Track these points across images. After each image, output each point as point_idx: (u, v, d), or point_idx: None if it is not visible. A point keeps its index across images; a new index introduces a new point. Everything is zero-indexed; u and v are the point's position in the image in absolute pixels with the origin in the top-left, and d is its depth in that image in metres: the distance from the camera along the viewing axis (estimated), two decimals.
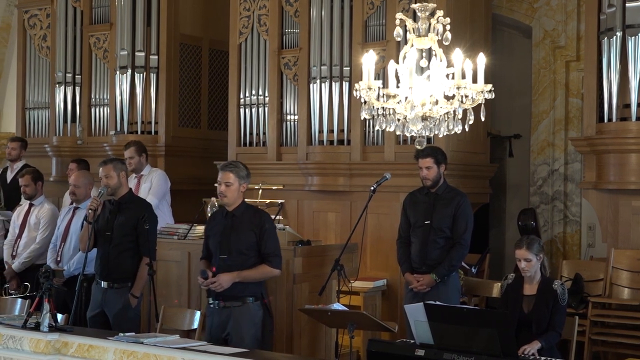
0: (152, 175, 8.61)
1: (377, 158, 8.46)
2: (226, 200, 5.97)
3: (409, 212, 6.98)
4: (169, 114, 10.01)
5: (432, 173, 6.82)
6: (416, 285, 6.75)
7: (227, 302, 5.93)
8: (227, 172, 5.97)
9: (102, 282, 6.59)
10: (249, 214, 6.01)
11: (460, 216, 6.79)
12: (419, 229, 6.86)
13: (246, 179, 6.02)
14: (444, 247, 6.79)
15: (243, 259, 5.92)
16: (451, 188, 6.96)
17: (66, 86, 10.70)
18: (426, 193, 6.91)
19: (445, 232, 6.78)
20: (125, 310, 6.49)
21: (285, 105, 9.12)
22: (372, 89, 5.22)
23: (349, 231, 7.21)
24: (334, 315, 5.90)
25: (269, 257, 5.97)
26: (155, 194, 8.41)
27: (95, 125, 10.54)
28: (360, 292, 7.79)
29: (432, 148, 6.94)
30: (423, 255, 6.81)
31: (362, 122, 8.45)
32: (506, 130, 10.01)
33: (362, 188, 8.26)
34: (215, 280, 5.87)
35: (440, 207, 6.82)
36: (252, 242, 5.94)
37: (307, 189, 8.85)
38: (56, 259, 7.54)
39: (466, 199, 6.89)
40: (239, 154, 9.33)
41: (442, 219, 6.79)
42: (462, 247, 6.78)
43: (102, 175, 6.66)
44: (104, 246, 6.62)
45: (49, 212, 8.17)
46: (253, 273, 5.95)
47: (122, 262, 6.54)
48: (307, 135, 8.89)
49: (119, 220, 6.59)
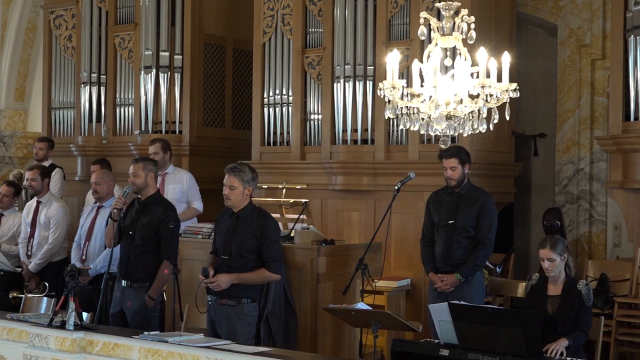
0: (181, 177, 8.61)
1: (401, 157, 8.45)
2: (230, 202, 6.03)
3: (433, 211, 6.97)
4: (193, 113, 10.04)
5: (456, 173, 6.81)
6: (440, 285, 6.73)
7: (223, 299, 6.00)
8: (232, 176, 5.99)
9: (122, 281, 6.63)
10: (252, 217, 6.03)
11: (485, 216, 6.76)
12: (443, 228, 6.85)
13: (251, 182, 6.02)
14: (468, 247, 6.77)
15: (243, 262, 5.97)
16: (475, 187, 6.94)
17: (91, 86, 10.76)
18: (450, 192, 6.89)
19: (469, 231, 6.76)
20: (142, 311, 6.52)
21: (309, 104, 9.13)
22: (396, 88, 5.21)
23: (373, 230, 7.21)
24: (358, 314, 5.90)
25: (269, 262, 6.01)
26: (199, 199, 8.59)
27: (120, 124, 10.58)
28: (384, 291, 7.78)
29: (456, 148, 6.91)
30: (447, 255, 6.80)
31: (386, 121, 8.44)
32: (531, 129, 9.96)
33: (386, 187, 8.25)
34: (215, 280, 5.91)
35: (464, 206, 6.80)
36: (252, 246, 5.97)
37: (330, 188, 8.84)
38: (81, 258, 7.58)
39: (490, 199, 6.86)
40: (262, 154, 9.34)
41: (466, 218, 6.77)
42: (487, 246, 6.76)
43: (131, 173, 6.69)
44: (125, 245, 6.66)
45: (59, 211, 8.22)
46: (251, 276, 6.00)
47: (142, 262, 6.57)
48: (330, 135, 8.89)
49: (142, 221, 6.62)
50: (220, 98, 10.42)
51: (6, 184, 9.07)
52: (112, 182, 7.73)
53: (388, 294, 7.86)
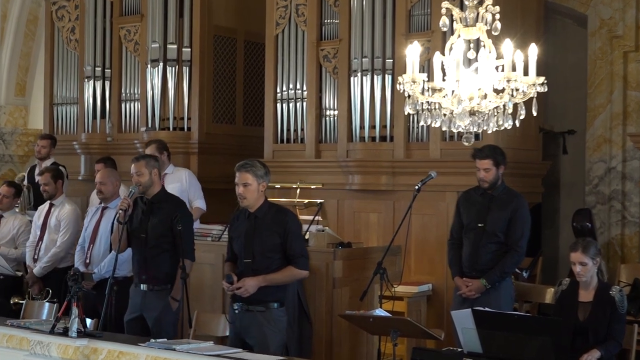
0: (180, 175, 8.66)
1: (422, 155, 8.44)
2: (246, 202, 5.96)
3: (463, 211, 6.94)
4: (202, 109, 10.06)
5: (490, 175, 6.78)
6: (465, 290, 6.72)
7: (250, 305, 5.95)
8: (244, 172, 5.95)
9: (141, 285, 6.63)
10: (271, 214, 6.00)
11: (517, 221, 6.73)
12: (472, 231, 6.83)
13: (265, 177, 5.99)
14: (496, 252, 6.74)
15: (268, 262, 5.94)
16: (509, 190, 6.89)
17: (95, 81, 10.79)
18: (482, 193, 6.86)
19: (499, 236, 6.73)
20: (166, 314, 6.52)
21: (325, 99, 9.13)
22: (416, 83, 5.21)
23: (392, 233, 7.20)
24: (376, 321, 5.90)
25: (295, 259, 5.97)
26: (201, 197, 8.63)
27: (126, 121, 10.61)
28: (404, 297, 7.78)
29: (491, 148, 6.87)
30: (473, 259, 6.78)
31: (405, 117, 8.43)
32: (560, 125, 9.93)
33: (405, 187, 8.25)
34: (241, 286, 5.89)
35: (496, 209, 6.77)
36: (276, 244, 5.93)
37: (347, 188, 8.84)
38: (85, 262, 7.60)
39: (524, 203, 6.83)
40: (275, 152, 9.35)
41: (496, 222, 6.74)
42: (517, 254, 6.74)
43: (134, 172, 6.70)
44: (140, 249, 6.66)
45: (70, 214, 8.23)
46: (279, 276, 5.95)
47: (161, 264, 6.58)
48: (347, 132, 8.89)
49: (152, 222, 6.63)
50: (231, 93, 10.44)
51: (6, 185, 9.11)
52: (118, 182, 7.74)
53: (408, 300, 7.86)
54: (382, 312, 6.04)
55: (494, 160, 6.77)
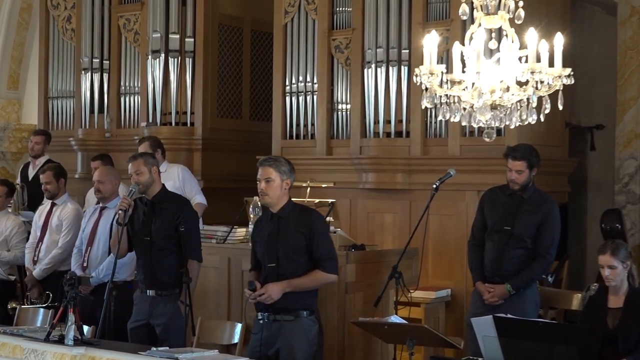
0: (174, 172, 8.64)
1: (440, 152, 8.43)
2: (268, 199, 5.95)
3: (487, 212, 6.90)
4: (206, 103, 10.07)
5: (522, 177, 6.75)
6: (487, 296, 6.70)
7: (277, 315, 5.91)
8: (267, 167, 5.95)
9: (147, 291, 6.64)
10: (296, 214, 5.99)
11: (548, 226, 6.71)
12: (497, 234, 6.79)
13: (289, 174, 5.98)
14: (522, 258, 6.71)
15: (294, 266, 5.90)
16: (540, 192, 6.86)
17: (93, 73, 10.81)
18: (510, 194, 6.83)
19: (527, 242, 6.71)
20: (175, 320, 6.53)
21: (336, 92, 9.13)
22: (434, 75, 5.20)
23: (408, 234, 7.20)
24: (392, 329, 5.89)
25: (323, 262, 5.93)
26: (199, 192, 8.64)
27: (125, 116, 10.63)
28: (421, 303, 7.78)
29: (526, 148, 6.82)
30: (497, 265, 6.75)
31: (422, 111, 8.43)
32: (587, 120, 9.92)
33: (423, 186, 8.24)
34: (264, 292, 5.86)
35: (525, 213, 6.74)
36: (301, 246, 5.91)
37: (360, 187, 8.85)
38: (82, 265, 7.61)
39: (556, 207, 6.81)
40: (284, 148, 9.35)
41: (525, 227, 6.71)
42: (547, 261, 6.73)
43: (132, 172, 6.69)
44: (145, 253, 6.67)
45: (73, 213, 8.24)
46: (305, 281, 5.91)
47: (168, 267, 6.58)
48: (360, 127, 8.89)
49: (156, 224, 6.63)
50: (237, 86, 10.45)
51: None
52: (117, 181, 7.75)
53: (425, 306, 7.86)
54: (397, 319, 6.04)
55: (528, 162, 6.74)
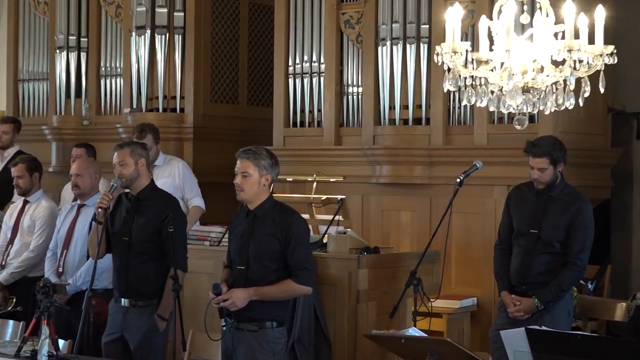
0: (172, 168, 8.61)
1: (465, 142, 8.43)
2: (243, 195, 5.95)
3: (513, 212, 6.87)
4: (198, 86, 10.07)
5: (546, 175, 6.71)
6: (513, 310, 6.67)
7: (241, 323, 5.93)
8: (245, 160, 5.93)
9: (122, 300, 6.65)
10: (274, 214, 5.98)
11: (579, 228, 6.67)
12: (522, 238, 6.78)
13: (270, 169, 5.96)
14: (551, 264, 6.67)
15: (263, 272, 5.91)
16: (570, 189, 6.81)
17: (69, 52, 10.83)
18: (537, 192, 6.81)
19: (555, 246, 6.68)
20: (151, 336, 6.54)
21: (346, 74, 9.13)
22: (457, 53, 5.20)
23: (429, 235, 7.20)
24: (410, 343, 5.90)
25: (296, 271, 5.92)
26: (198, 194, 8.56)
27: (106, 101, 10.64)
28: (443, 313, 7.78)
29: (547, 141, 6.77)
30: (524, 271, 6.73)
31: (445, 95, 8.43)
32: (633, 105, 9.90)
33: (445, 180, 8.24)
34: (228, 297, 5.90)
35: (554, 214, 6.71)
36: (274, 252, 5.91)
37: (374, 181, 8.85)
38: (57, 270, 7.62)
39: (588, 206, 6.76)
40: (287, 137, 9.36)
41: (553, 229, 6.69)
42: (578, 268, 6.68)
43: (116, 162, 6.69)
44: (121, 255, 6.67)
45: (46, 212, 8.24)
46: (274, 290, 5.92)
47: (146, 274, 6.58)
48: (374, 113, 8.89)
49: (138, 222, 6.63)
50: (233, 67, 10.45)
51: None
52: (98, 174, 7.76)
53: (448, 317, 7.86)
54: (416, 332, 6.04)
55: (550, 159, 6.68)
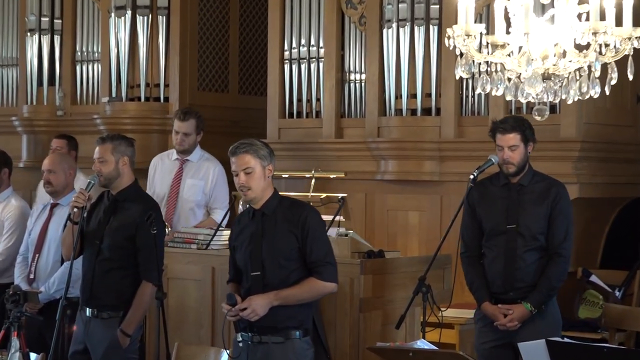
0: (208, 171, 8.44)
1: (479, 134, 8.43)
2: (252, 194, 5.92)
3: (481, 211, 6.81)
4: (184, 73, 10.07)
5: (517, 155, 6.66)
6: (504, 321, 6.63)
7: (264, 336, 5.90)
8: (243, 155, 5.90)
9: (86, 309, 6.66)
10: (284, 209, 5.98)
11: (559, 216, 6.62)
12: (500, 237, 6.72)
13: (270, 158, 5.95)
14: (541, 261, 6.65)
15: (283, 274, 5.90)
16: (541, 176, 6.77)
17: (41, 35, 10.82)
18: (504, 184, 6.78)
19: (539, 240, 6.63)
20: (113, 352, 6.52)
21: (348, 59, 9.13)
22: (471, 36, 5.21)
23: (439, 238, 7.21)
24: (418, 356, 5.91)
25: (318, 267, 5.91)
26: (225, 206, 8.28)
27: (82, 89, 10.64)
28: (455, 324, 7.79)
29: (516, 119, 6.80)
30: (509, 275, 6.66)
31: (457, 83, 8.43)
32: None
33: (457, 176, 8.25)
34: (247, 306, 5.87)
35: (530, 203, 6.67)
36: (292, 249, 5.89)
37: (379, 177, 8.85)
38: (28, 277, 7.63)
39: (566, 191, 6.74)
40: (282, 129, 9.36)
41: (534, 220, 6.64)
42: (564, 259, 6.64)
43: (96, 157, 6.69)
44: (89, 258, 6.67)
45: (16, 212, 8.25)
46: (297, 291, 5.90)
47: (112, 283, 6.57)
48: (378, 103, 8.90)
49: (112, 225, 6.62)
50: (223, 51, 10.45)
51: None
52: (72, 170, 7.76)
53: (460, 328, 7.87)
54: (425, 344, 6.05)
55: (522, 135, 6.65)
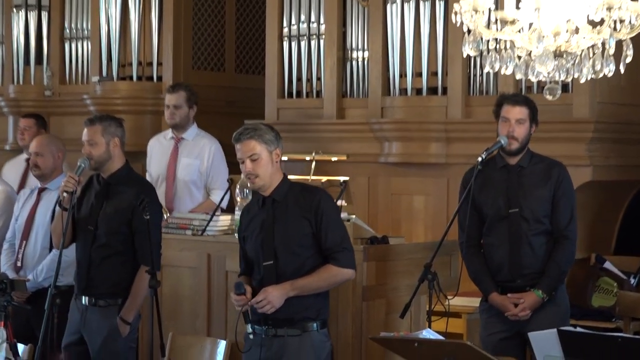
0: (204, 149, 8.49)
1: (487, 114, 8.39)
2: (259, 181, 5.88)
3: (480, 197, 6.79)
4: (178, 51, 10.07)
5: (522, 131, 6.62)
6: (515, 311, 6.63)
7: (279, 329, 5.88)
8: (248, 141, 5.87)
9: (82, 298, 6.68)
10: (295, 194, 5.96)
11: (563, 197, 6.61)
12: (502, 222, 6.70)
13: (276, 142, 5.92)
14: (548, 246, 6.66)
15: (297, 263, 5.89)
16: (540, 157, 6.76)
17: (28, 11, 10.81)
18: (503, 166, 6.78)
19: (544, 223, 6.64)
20: (112, 341, 6.56)
21: (350, 36, 9.13)
22: (479, 12, 5.20)
23: (446, 223, 7.21)
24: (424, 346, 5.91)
25: (335, 253, 5.90)
26: (224, 186, 8.27)
27: (71, 68, 10.64)
28: (463, 313, 7.80)
29: (525, 96, 6.83)
30: (515, 262, 6.65)
31: (464, 61, 8.43)
32: None
33: (464, 159, 8.24)
34: (263, 298, 5.82)
35: (532, 185, 6.66)
36: (306, 236, 5.88)
37: (382, 160, 8.86)
38: (15, 264, 7.64)
39: (567, 172, 6.76)
40: (281, 109, 9.36)
41: (537, 203, 6.63)
42: (571, 242, 6.62)
43: (85, 140, 6.68)
44: (83, 246, 6.69)
45: (2, 196, 8.24)
46: (314, 280, 5.88)
47: (109, 270, 6.60)
48: (382, 82, 8.89)
49: (106, 210, 6.64)
50: (219, 28, 10.45)
51: None
52: (61, 153, 7.76)
53: (468, 317, 7.88)
54: (431, 334, 6.05)
55: (530, 111, 6.65)
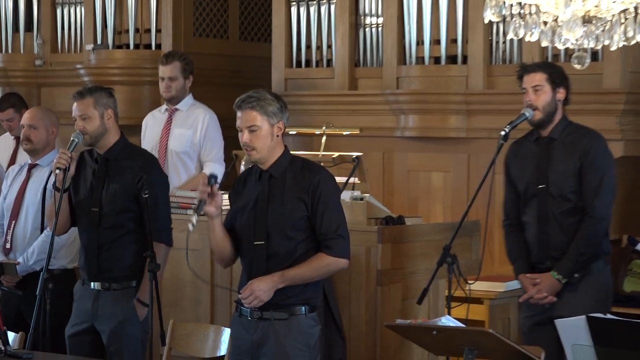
0: (197, 118, 8.52)
1: (510, 85, 8.38)
2: (256, 154, 5.87)
3: (515, 173, 6.80)
4: (178, 17, 10.06)
5: (542, 98, 6.58)
6: (533, 292, 6.61)
7: (265, 311, 5.91)
8: (248, 111, 5.84)
9: (91, 284, 6.68)
10: (294, 171, 5.94)
11: (589, 168, 6.55)
12: (532, 199, 6.69)
13: (280, 114, 5.88)
14: (577, 225, 6.60)
15: (289, 245, 5.89)
16: (576, 126, 6.72)
17: None
18: (536, 139, 6.77)
19: (571, 199, 6.60)
20: (129, 325, 6.57)
21: (363, 1, 9.11)
22: None
23: (466, 202, 7.22)
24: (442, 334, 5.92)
25: (328, 241, 5.88)
26: (219, 158, 8.42)
27: (63, 36, 10.64)
28: (484, 298, 7.81)
29: (545, 62, 6.81)
30: (543, 242, 6.63)
31: (485, 27, 8.41)
32: None
33: (486, 133, 8.25)
34: (250, 292, 5.84)
35: (558, 158, 6.64)
36: (301, 218, 5.87)
37: (398, 134, 8.85)
38: (4, 246, 7.66)
39: (601, 142, 6.69)
40: (288, 80, 9.36)
41: (562, 178, 6.59)
42: (594, 220, 6.57)
43: (77, 115, 6.67)
44: (90, 230, 6.68)
45: None
46: (305, 270, 5.89)
47: (122, 252, 6.62)
48: (397, 50, 8.88)
49: (110, 189, 6.62)
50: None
51: None
52: (55, 128, 7.76)
53: (490, 303, 7.89)
54: (450, 321, 6.06)
55: (548, 75, 6.60)
